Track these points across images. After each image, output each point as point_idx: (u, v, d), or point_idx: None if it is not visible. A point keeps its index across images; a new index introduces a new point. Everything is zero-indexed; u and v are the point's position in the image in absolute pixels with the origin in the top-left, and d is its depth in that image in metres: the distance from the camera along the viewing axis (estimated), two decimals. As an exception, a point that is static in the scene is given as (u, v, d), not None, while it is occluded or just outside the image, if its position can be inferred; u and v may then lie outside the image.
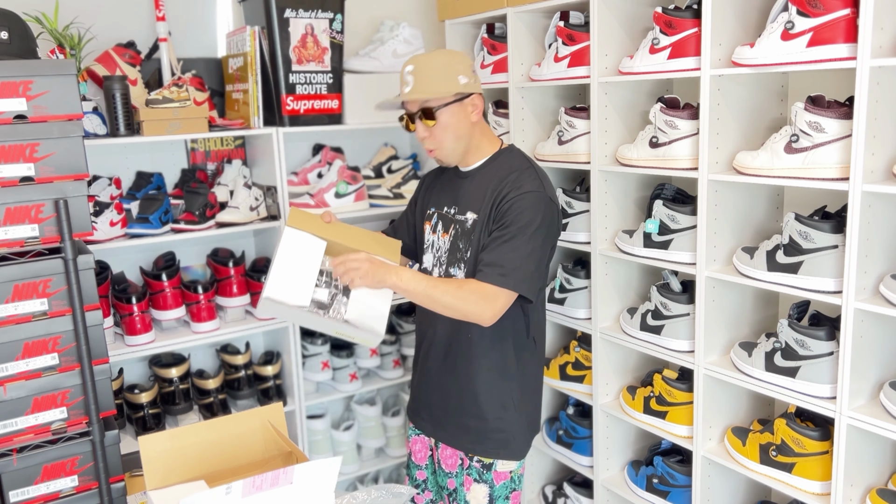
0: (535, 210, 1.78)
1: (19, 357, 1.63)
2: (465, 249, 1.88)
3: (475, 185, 1.90)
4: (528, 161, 1.90)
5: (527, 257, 1.76)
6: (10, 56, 1.64)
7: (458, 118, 1.85)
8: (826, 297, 1.77)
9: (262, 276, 2.64)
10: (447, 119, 1.84)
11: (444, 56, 1.87)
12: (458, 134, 1.87)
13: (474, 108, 1.86)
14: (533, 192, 1.79)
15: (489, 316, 1.75)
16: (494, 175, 1.87)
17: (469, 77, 1.85)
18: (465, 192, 1.92)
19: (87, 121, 2.28)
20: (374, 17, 2.95)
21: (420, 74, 1.83)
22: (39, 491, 1.67)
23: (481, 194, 1.87)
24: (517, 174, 1.84)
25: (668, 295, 2.19)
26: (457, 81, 1.83)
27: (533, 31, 2.54)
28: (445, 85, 1.82)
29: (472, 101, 1.86)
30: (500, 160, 1.91)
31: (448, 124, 1.84)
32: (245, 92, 2.57)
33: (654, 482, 2.33)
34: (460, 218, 1.91)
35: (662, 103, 2.11)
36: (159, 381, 2.59)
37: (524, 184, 1.81)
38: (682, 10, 2.02)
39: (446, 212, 1.95)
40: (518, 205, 1.78)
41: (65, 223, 1.62)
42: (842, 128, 1.72)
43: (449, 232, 1.93)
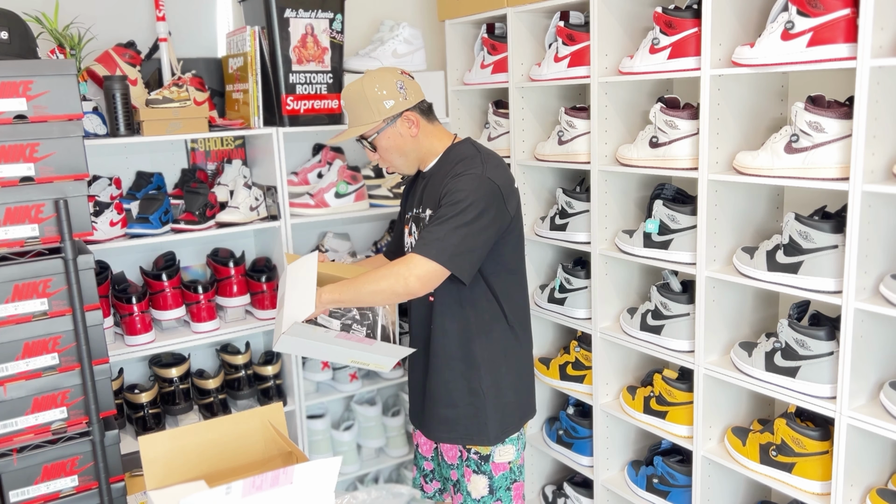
0: (469, 189, 1.78)
1: (19, 357, 1.63)
2: None
3: (431, 183, 1.95)
4: (476, 149, 1.93)
5: (452, 231, 1.75)
6: (10, 56, 1.64)
7: (395, 139, 1.91)
8: (826, 297, 1.77)
9: (263, 275, 2.64)
10: (386, 143, 1.91)
11: (365, 84, 1.89)
12: (403, 151, 1.94)
13: (410, 123, 1.91)
14: (468, 174, 1.82)
15: (413, 282, 1.74)
16: (445, 170, 1.92)
17: (395, 97, 1.88)
18: (425, 191, 1.97)
19: (87, 121, 2.28)
20: (374, 17, 2.95)
21: (349, 108, 1.93)
22: (39, 491, 1.67)
23: (435, 189, 1.91)
24: (462, 163, 1.88)
25: (668, 295, 2.19)
26: (382, 108, 1.88)
27: (533, 31, 2.54)
28: (370, 115, 1.89)
29: (405, 118, 1.90)
30: (450, 155, 1.95)
31: (388, 147, 1.92)
32: (245, 92, 2.57)
33: (654, 482, 2.33)
34: (423, 216, 1.95)
35: (662, 103, 2.11)
36: (159, 381, 2.59)
37: (468, 168, 1.85)
38: (682, 10, 2.02)
39: (415, 213, 2.00)
40: (456, 186, 1.81)
41: (65, 223, 1.62)
42: (842, 128, 1.72)
43: (413, 232, 1.99)
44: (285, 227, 2.60)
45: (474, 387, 1.95)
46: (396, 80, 1.90)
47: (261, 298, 2.64)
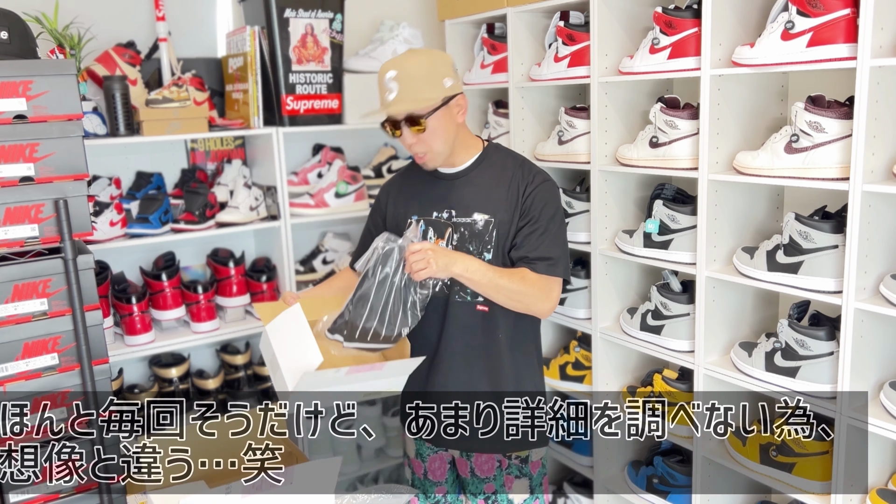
0: (555, 198, 1.86)
1: (19, 357, 1.63)
2: (479, 251, 1.83)
3: (475, 186, 1.87)
4: (520, 155, 1.95)
5: (564, 244, 1.85)
6: (10, 56, 1.64)
7: (445, 122, 1.80)
8: (826, 297, 1.77)
9: (262, 275, 2.64)
10: (435, 124, 1.79)
11: (427, 59, 1.81)
12: (447, 137, 1.82)
13: (460, 108, 1.83)
14: (546, 182, 1.86)
15: (549, 307, 1.83)
16: (497, 173, 1.86)
17: (453, 78, 1.81)
18: (464, 194, 1.87)
19: (87, 121, 2.28)
20: (374, 17, 2.95)
21: (404, 81, 1.76)
22: (40, 491, 1.67)
23: (489, 194, 1.84)
24: (523, 168, 1.87)
25: (668, 295, 2.19)
26: (442, 85, 1.78)
27: (533, 31, 2.54)
28: (432, 91, 1.77)
29: (458, 101, 1.82)
30: (493, 157, 1.90)
31: (436, 129, 1.79)
32: (245, 92, 2.57)
33: (654, 482, 2.33)
34: (464, 220, 1.84)
35: (662, 103, 2.11)
36: (159, 381, 2.59)
37: (535, 175, 1.86)
38: (682, 10, 2.02)
39: (437, 217, 1.87)
40: (541, 196, 1.82)
41: (65, 223, 1.62)
42: (842, 128, 1.72)
43: (445, 237, 1.86)
44: (285, 227, 2.60)
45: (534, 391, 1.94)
46: (452, 63, 1.83)
47: (261, 298, 2.64)
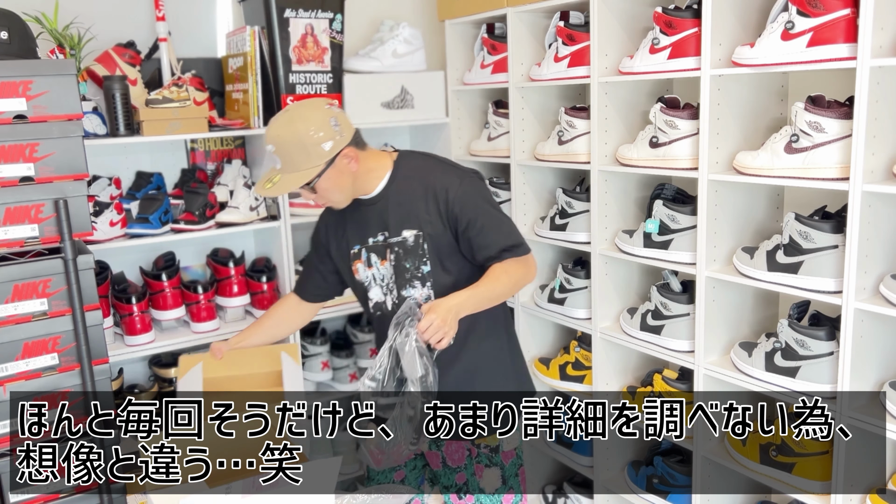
0: (476, 191, 1.87)
1: (19, 357, 1.63)
2: (416, 266, 1.89)
3: (395, 205, 1.89)
4: (429, 156, 1.98)
5: (509, 223, 1.90)
6: (10, 56, 1.64)
7: (335, 177, 1.81)
8: (826, 297, 1.77)
9: (262, 276, 2.64)
10: (326, 184, 1.81)
11: (302, 126, 1.77)
12: (342, 188, 1.84)
13: (349, 160, 1.81)
14: (463, 180, 1.87)
15: (533, 277, 1.94)
16: (412, 188, 1.88)
17: (332, 136, 1.78)
18: (387, 215, 1.89)
19: (87, 121, 2.28)
20: (374, 17, 2.95)
21: (283, 155, 1.78)
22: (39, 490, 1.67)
23: (410, 210, 1.87)
24: (437, 176, 1.88)
25: (668, 295, 2.19)
26: (321, 151, 1.77)
27: (533, 31, 2.54)
28: (311, 160, 1.77)
29: (344, 156, 1.80)
30: (405, 172, 1.90)
31: (328, 187, 1.82)
32: (245, 92, 2.57)
33: (654, 482, 2.33)
34: (396, 240, 1.89)
35: (662, 103, 2.11)
36: (159, 381, 2.59)
37: (449, 178, 1.87)
38: (682, 10, 2.02)
39: (375, 241, 1.92)
40: (462, 199, 1.84)
41: (65, 223, 1.62)
42: (842, 128, 1.72)
43: (387, 258, 1.91)
44: (285, 227, 2.60)
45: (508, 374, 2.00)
46: (329, 117, 1.79)
47: (261, 298, 2.63)
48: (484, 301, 1.83)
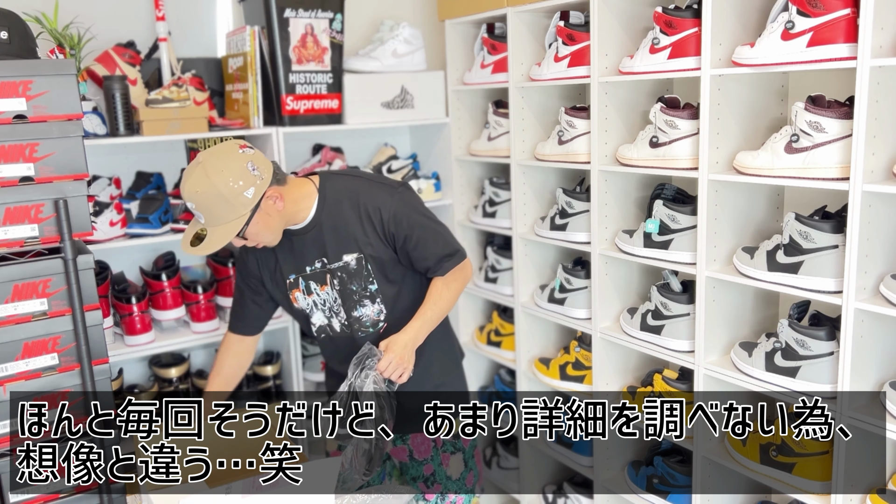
0: (408, 205, 1.91)
1: (19, 357, 1.63)
2: (363, 286, 1.92)
3: (331, 230, 1.89)
4: (352, 174, 1.98)
5: (444, 231, 1.97)
6: (10, 56, 1.64)
7: (264, 221, 1.79)
8: (826, 297, 1.77)
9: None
10: (255, 229, 1.79)
11: (218, 180, 1.69)
12: (272, 227, 1.82)
13: (274, 199, 1.78)
14: (393, 197, 1.90)
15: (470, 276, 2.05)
16: (344, 211, 1.88)
17: (253, 182, 1.72)
18: (323, 242, 1.90)
19: (87, 121, 2.28)
20: (374, 17, 2.95)
21: (205, 211, 1.73)
22: (39, 490, 1.67)
23: (345, 235, 1.88)
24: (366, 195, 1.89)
25: (668, 295, 2.19)
26: (244, 200, 1.72)
27: (533, 31, 2.54)
28: (233, 212, 1.73)
29: (268, 197, 1.77)
30: (333, 195, 1.90)
31: (258, 230, 1.80)
32: (245, 92, 2.57)
33: (654, 482, 2.33)
34: (337, 265, 1.91)
35: (662, 103, 2.11)
36: (159, 381, 2.59)
37: (380, 198, 1.89)
38: (682, 9, 2.02)
39: (313, 269, 1.93)
40: (396, 217, 1.88)
41: (65, 223, 1.62)
42: (842, 128, 1.72)
43: (328, 283, 1.93)
44: (285, 227, 2.60)
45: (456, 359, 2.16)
46: (245, 162, 1.73)
47: (261, 298, 2.63)
48: (434, 322, 1.93)
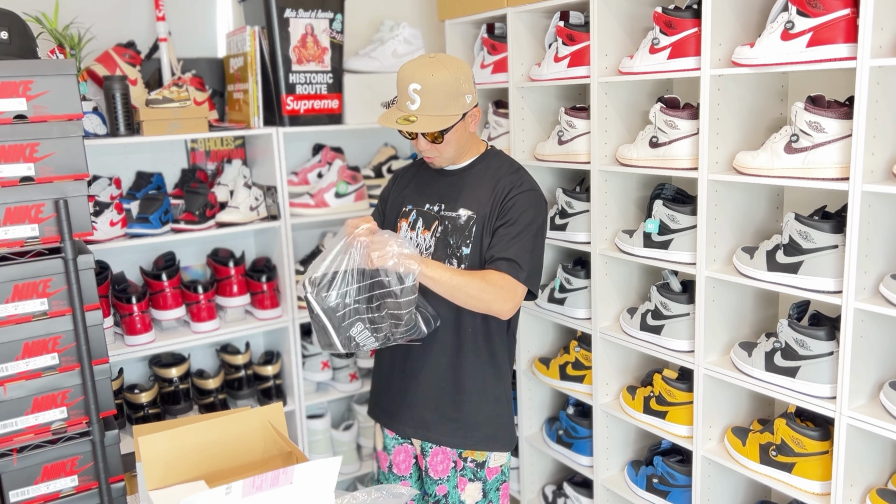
0: (537, 209, 1.86)
1: (19, 357, 1.63)
2: (458, 245, 1.89)
3: (467, 184, 1.92)
4: (517, 163, 1.96)
5: (533, 254, 1.83)
6: (10, 56, 1.64)
7: (460, 133, 1.86)
8: (826, 297, 1.77)
9: (263, 275, 2.64)
10: (452, 136, 1.85)
11: (451, 75, 1.79)
12: (459, 145, 1.89)
13: (474, 119, 1.88)
14: (533, 191, 1.88)
15: (510, 308, 1.80)
16: (489, 175, 1.90)
17: (472, 91, 1.84)
18: (455, 190, 1.92)
19: (87, 121, 2.28)
20: (374, 17, 2.95)
21: (427, 96, 1.78)
22: (39, 491, 1.67)
23: (476, 193, 1.89)
24: (514, 174, 1.90)
25: (668, 295, 2.19)
26: (463, 102, 1.81)
27: (533, 31, 2.54)
28: (454, 108, 1.80)
29: (473, 113, 1.87)
30: (490, 161, 1.94)
31: (451, 140, 1.86)
32: (245, 92, 2.57)
33: (654, 482, 2.33)
34: (450, 214, 1.90)
35: (662, 103, 2.11)
36: (159, 381, 2.59)
37: (523, 182, 1.88)
38: (682, 10, 2.02)
39: (428, 209, 1.94)
40: (521, 202, 1.84)
41: (65, 223, 1.62)
42: (842, 128, 1.72)
43: (431, 229, 1.92)
44: (285, 227, 2.60)
45: (498, 395, 1.96)
46: (471, 74, 1.85)
47: (261, 298, 2.64)
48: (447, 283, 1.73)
